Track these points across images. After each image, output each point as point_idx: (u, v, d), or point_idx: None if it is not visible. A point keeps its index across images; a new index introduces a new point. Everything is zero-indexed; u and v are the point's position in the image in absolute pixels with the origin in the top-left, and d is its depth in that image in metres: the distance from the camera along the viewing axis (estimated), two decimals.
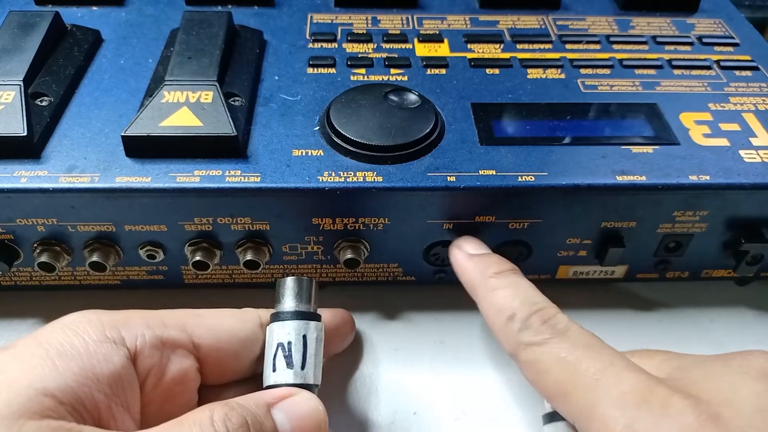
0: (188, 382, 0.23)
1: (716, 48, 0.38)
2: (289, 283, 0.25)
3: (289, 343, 0.24)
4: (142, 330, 0.22)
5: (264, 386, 0.24)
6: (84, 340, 0.21)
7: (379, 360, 0.31)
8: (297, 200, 0.28)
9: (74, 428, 0.19)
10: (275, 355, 0.24)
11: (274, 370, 0.24)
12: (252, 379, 0.26)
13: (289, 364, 0.23)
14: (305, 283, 0.25)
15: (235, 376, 0.25)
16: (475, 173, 0.28)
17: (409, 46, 0.38)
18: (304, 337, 0.24)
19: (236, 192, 0.28)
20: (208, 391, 0.25)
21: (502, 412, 0.29)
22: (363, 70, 0.35)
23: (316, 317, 0.25)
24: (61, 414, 0.19)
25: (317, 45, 0.37)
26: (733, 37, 0.39)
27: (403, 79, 0.35)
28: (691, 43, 0.39)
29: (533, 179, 0.28)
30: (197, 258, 0.29)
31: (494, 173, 0.28)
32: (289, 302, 0.25)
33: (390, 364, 0.31)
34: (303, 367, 0.24)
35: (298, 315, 0.25)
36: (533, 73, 0.35)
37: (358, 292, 0.33)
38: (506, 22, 0.40)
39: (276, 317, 0.25)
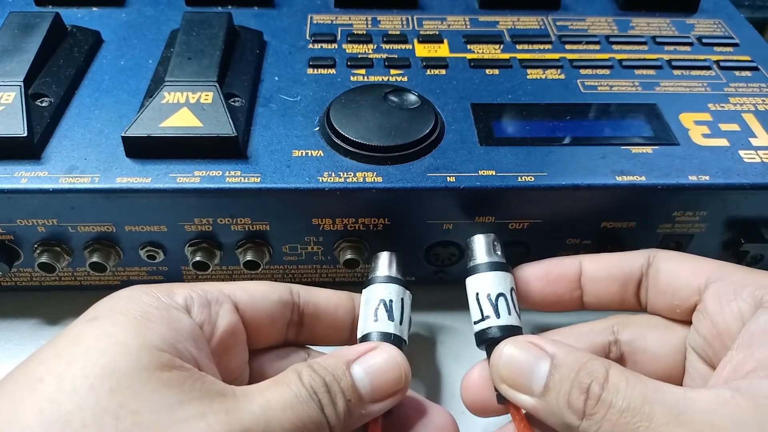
0: (238, 334, 0.24)
1: (716, 48, 0.38)
2: (386, 255, 0.28)
3: (391, 301, 0.26)
4: (188, 292, 0.23)
5: (359, 336, 0.26)
6: (153, 306, 0.21)
7: None
8: (297, 201, 0.28)
9: (201, 376, 0.20)
10: (377, 308, 0.26)
11: (375, 320, 0.26)
12: (289, 349, 0.27)
13: (391, 318, 0.26)
14: (398, 257, 0.28)
15: (271, 340, 0.26)
16: (475, 173, 0.29)
17: (408, 46, 0.38)
18: (402, 299, 0.27)
19: (236, 192, 0.28)
20: (253, 359, 0.26)
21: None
22: (363, 71, 0.35)
23: (408, 287, 0.27)
24: (180, 365, 0.20)
25: (317, 45, 0.37)
26: (732, 38, 0.39)
27: (402, 79, 0.35)
28: (690, 44, 0.39)
29: (533, 179, 0.28)
30: (197, 258, 0.29)
31: (494, 173, 0.29)
32: (387, 270, 0.28)
33: None
34: (401, 322, 0.26)
35: (397, 281, 0.27)
36: (533, 74, 0.35)
37: (358, 292, 0.33)
38: (506, 22, 0.40)
39: (375, 280, 0.27)
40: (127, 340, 0.19)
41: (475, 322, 0.25)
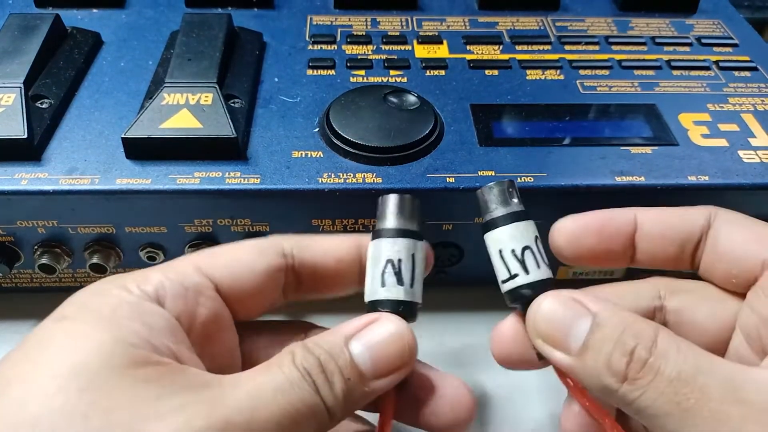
0: (221, 320, 0.22)
1: (715, 48, 0.38)
2: (394, 199, 0.24)
3: (399, 260, 0.23)
4: (161, 280, 0.21)
5: (367, 301, 0.23)
6: (124, 300, 0.20)
7: None
8: (297, 202, 0.28)
9: (182, 369, 0.19)
10: (384, 271, 0.23)
11: (383, 285, 0.23)
12: (286, 330, 0.25)
13: (400, 281, 0.23)
14: (411, 202, 0.24)
15: (263, 309, 0.24)
16: (475, 174, 0.29)
17: (408, 47, 0.38)
18: (413, 255, 0.23)
19: (236, 193, 0.28)
20: (248, 329, 0.24)
21: (502, 412, 0.29)
22: (362, 72, 0.35)
23: (422, 237, 0.24)
24: (157, 361, 0.19)
25: (317, 47, 0.37)
26: (732, 38, 0.39)
27: (402, 80, 0.35)
28: (690, 44, 0.39)
29: (532, 180, 0.28)
30: None
31: (493, 174, 0.29)
32: (396, 220, 0.24)
33: None
34: (412, 285, 0.23)
35: (407, 233, 0.24)
36: (532, 74, 0.35)
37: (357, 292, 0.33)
38: (505, 23, 0.40)
39: (382, 233, 0.24)
40: (98, 337, 0.19)
41: (503, 281, 0.23)
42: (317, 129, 0.31)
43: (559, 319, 0.21)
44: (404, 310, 0.23)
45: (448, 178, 0.28)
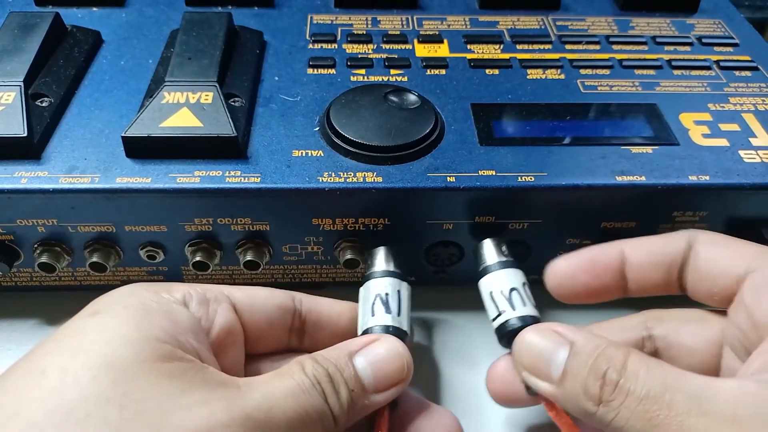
0: (236, 334, 0.24)
1: (716, 48, 0.38)
2: (381, 250, 0.28)
3: (387, 294, 0.26)
4: (187, 289, 0.23)
5: (359, 332, 0.26)
6: (153, 300, 0.22)
7: None
8: (297, 201, 0.28)
9: (203, 367, 0.20)
10: (374, 304, 0.26)
11: (373, 315, 0.26)
12: (289, 354, 0.27)
13: (388, 311, 0.26)
14: (393, 251, 0.28)
15: (271, 345, 0.26)
16: (475, 173, 0.29)
17: (408, 46, 0.38)
18: (399, 291, 0.27)
19: (236, 192, 0.28)
20: (251, 363, 0.26)
21: (503, 412, 0.29)
22: (363, 71, 0.35)
23: (405, 279, 0.28)
24: (182, 357, 0.20)
25: (317, 46, 0.37)
26: (732, 38, 0.39)
27: (402, 79, 0.35)
28: (690, 44, 0.39)
29: (533, 179, 0.28)
30: (197, 258, 0.29)
31: (494, 173, 0.29)
32: (383, 265, 0.28)
33: None
34: (399, 314, 0.26)
35: (392, 274, 0.27)
36: (533, 74, 0.35)
37: (358, 292, 0.33)
38: (506, 22, 0.40)
39: (370, 277, 0.27)
40: (128, 332, 0.20)
41: (493, 320, 0.26)
42: (318, 128, 0.31)
43: (540, 350, 0.23)
44: (394, 333, 0.25)
45: (448, 178, 0.28)
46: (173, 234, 0.29)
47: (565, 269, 0.26)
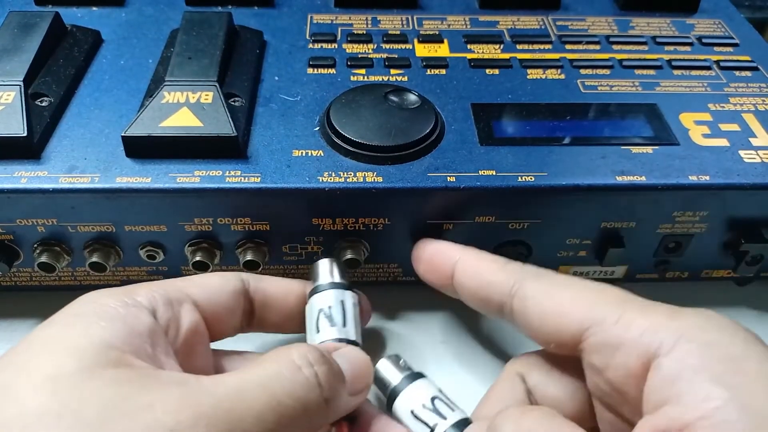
0: (201, 333, 0.24)
1: (716, 48, 0.38)
2: (322, 263, 0.28)
3: (330, 307, 0.26)
4: (150, 292, 0.23)
5: None
6: (111, 306, 0.22)
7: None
8: (297, 201, 0.28)
9: (156, 371, 0.20)
10: (317, 319, 0.26)
11: (318, 331, 0.26)
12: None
13: (332, 324, 0.26)
14: (335, 262, 0.28)
15: (229, 331, 0.26)
16: (475, 173, 0.29)
17: (409, 46, 0.38)
18: (342, 302, 0.27)
19: (236, 192, 0.28)
20: (217, 363, 0.26)
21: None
22: (363, 71, 0.35)
23: (350, 287, 0.28)
24: (131, 363, 0.20)
25: (317, 45, 0.37)
26: (732, 38, 0.39)
27: (403, 79, 0.35)
28: (690, 44, 0.39)
29: (533, 179, 0.28)
30: (197, 258, 0.29)
31: (494, 173, 0.29)
32: (324, 277, 0.27)
33: None
34: (344, 325, 0.26)
35: (334, 285, 0.27)
36: (533, 74, 0.35)
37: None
38: (506, 22, 0.40)
39: (314, 291, 0.27)
40: (76, 340, 0.20)
41: None
42: (318, 128, 0.31)
43: None
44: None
45: (448, 178, 0.28)
46: (173, 234, 0.29)
47: (416, 251, 0.29)
